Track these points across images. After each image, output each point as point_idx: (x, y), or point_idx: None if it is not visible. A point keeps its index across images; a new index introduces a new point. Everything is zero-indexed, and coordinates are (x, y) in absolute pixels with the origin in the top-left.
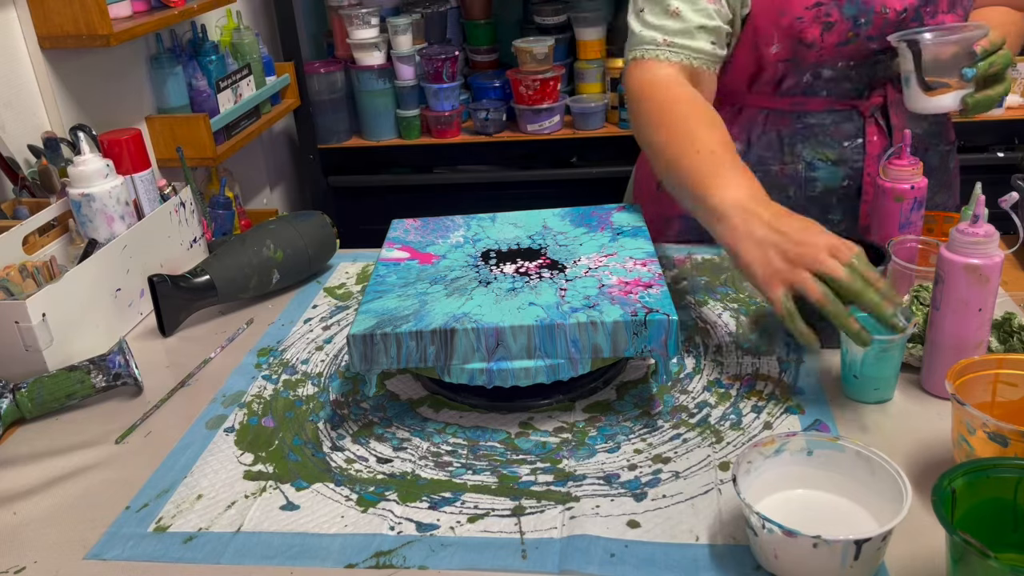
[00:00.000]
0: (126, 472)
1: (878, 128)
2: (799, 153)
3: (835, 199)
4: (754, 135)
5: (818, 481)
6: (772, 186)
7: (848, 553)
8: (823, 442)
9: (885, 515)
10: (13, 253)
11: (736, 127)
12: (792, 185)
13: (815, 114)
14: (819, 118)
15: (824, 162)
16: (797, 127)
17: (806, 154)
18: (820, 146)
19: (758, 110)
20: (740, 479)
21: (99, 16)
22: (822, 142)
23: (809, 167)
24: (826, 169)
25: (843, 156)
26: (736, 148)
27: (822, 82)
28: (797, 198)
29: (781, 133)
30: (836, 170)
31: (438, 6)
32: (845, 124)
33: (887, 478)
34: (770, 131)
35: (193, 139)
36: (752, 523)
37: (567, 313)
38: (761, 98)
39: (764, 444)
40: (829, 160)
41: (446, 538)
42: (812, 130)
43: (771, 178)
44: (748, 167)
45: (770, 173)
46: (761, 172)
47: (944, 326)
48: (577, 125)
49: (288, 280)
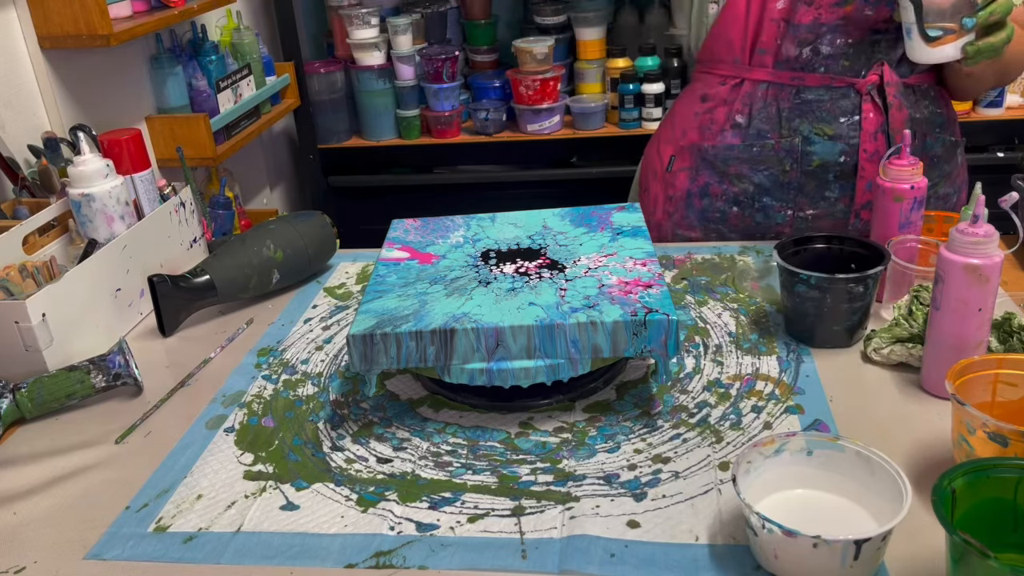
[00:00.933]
0: (126, 472)
1: (874, 106)
2: (796, 127)
3: (832, 175)
4: (755, 108)
5: (818, 481)
6: (770, 159)
7: (848, 553)
8: (823, 442)
9: (885, 515)
10: (13, 253)
11: (739, 101)
12: (789, 159)
13: (813, 90)
14: (817, 94)
15: (821, 137)
16: (795, 102)
17: (803, 129)
18: (817, 121)
19: (758, 84)
20: (740, 479)
21: (99, 16)
22: (819, 117)
23: (806, 141)
24: (822, 144)
25: (839, 132)
26: (738, 122)
27: (820, 59)
28: (794, 172)
29: (780, 107)
30: (832, 145)
31: (438, 6)
32: (842, 101)
33: (887, 478)
34: (770, 105)
35: (193, 139)
36: (752, 523)
37: (567, 313)
38: (762, 72)
39: (764, 444)
40: (826, 135)
41: (446, 538)
42: (810, 105)
43: (768, 151)
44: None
45: (767, 146)
46: (759, 146)
47: (944, 326)
48: (577, 125)
49: (288, 280)
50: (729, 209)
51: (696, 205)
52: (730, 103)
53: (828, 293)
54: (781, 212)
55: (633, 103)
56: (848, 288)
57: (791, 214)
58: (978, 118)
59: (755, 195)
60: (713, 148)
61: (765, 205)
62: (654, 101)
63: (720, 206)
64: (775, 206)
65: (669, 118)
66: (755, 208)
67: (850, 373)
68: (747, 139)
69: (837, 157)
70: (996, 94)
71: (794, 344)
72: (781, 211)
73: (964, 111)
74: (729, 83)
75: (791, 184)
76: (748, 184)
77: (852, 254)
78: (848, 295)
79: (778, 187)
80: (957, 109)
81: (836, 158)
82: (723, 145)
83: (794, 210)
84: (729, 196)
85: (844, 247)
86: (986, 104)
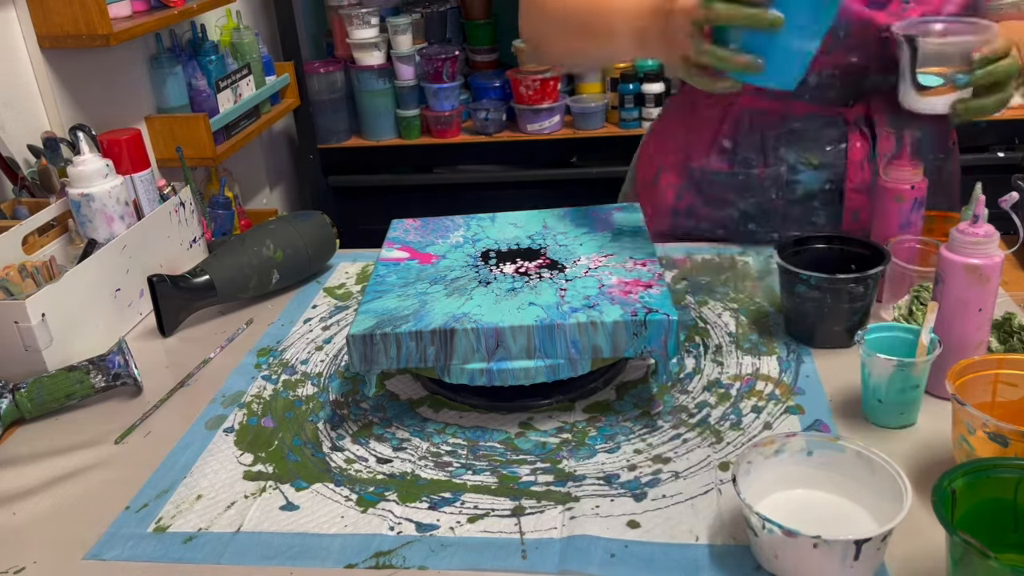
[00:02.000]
0: (126, 472)
1: (861, 135)
2: (782, 156)
3: (818, 203)
4: (740, 135)
5: (818, 481)
6: (755, 187)
7: (848, 553)
8: (823, 442)
9: (885, 515)
10: (13, 253)
11: (725, 125)
12: (774, 187)
13: (799, 118)
14: (803, 122)
15: (806, 166)
16: (782, 131)
17: (789, 157)
18: (803, 150)
19: (744, 110)
20: (740, 479)
21: (99, 16)
22: (805, 147)
23: (791, 170)
24: (808, 174)
25: (825, 161)
26: (724, 145)
27: (807, 88)
28: (779, 200)
29: (765, 135)
30: (817, 174)
31: (438, 6)
32: (829, 130)
33: (887, 478)
34: (755, 132)
35: (193, 139)
36: (752, 523)
37: (567, 313)
38: (749, 98)
39: (764, 444)
40: (811, 165)
41: (446, 538)
42: (796, 134)
43: (753, 179)
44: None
45: (752, 175)
46: (744, 173)
47: (944, 326)
48: (577, 125)
49: (288, 280)
50: (715, 232)
51: (682, 225)
52: (716, 125)
53: (828, 293)
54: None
55: (633, 103)
56: (848, 288)
57: (776, 239)
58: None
59: (740, 221)
60: (700, 170)
61: (750, 231)
62: (654, 101)
63: (705, 227)
64: (760, 232)
65: (659, 126)
66: (740, 233)
67: (850, 373)
68: (734, 165)
69: (823, 185)
70: None
71: (794, 344)
72: (766, 237)
73: None
74: (720, 103)
75: (776, 212)
76: (733, 210)
77: (852, 254)
78: (848, 295)
79: (763, 214)
80: None
81: (821, 186)
82: (710, 169)
83: (780, 235)
84: (715, 220)
85: (844, 247)
86: None
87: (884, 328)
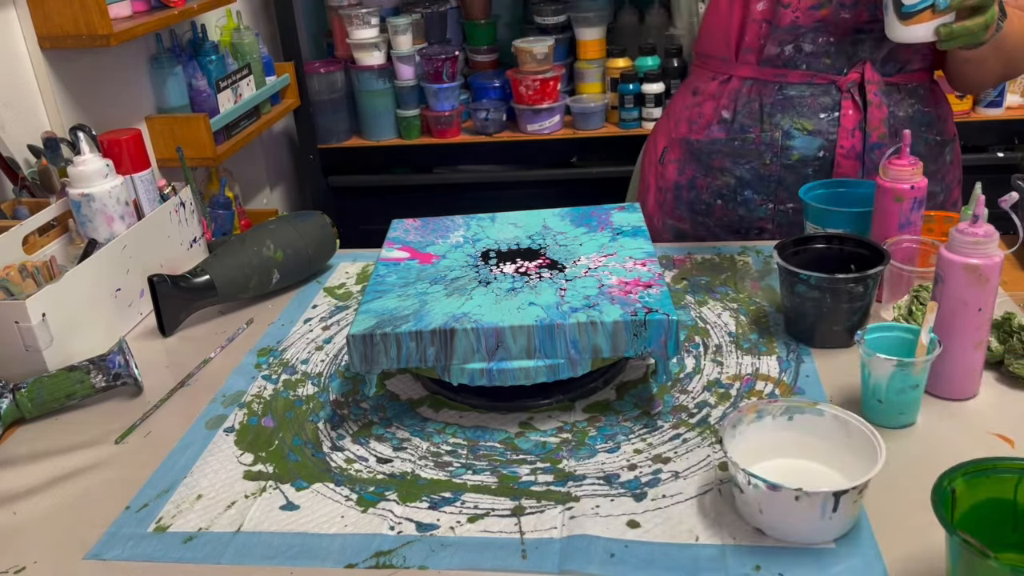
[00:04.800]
0: (126, 472)
1: (854, 103)
2: (777, 122)
3: (810, 170)
4: (739, 104)
5: (799, 448)
6: (751, 152)
7: (828, 505)
8: (803, 407)
9: (862, 474)
10: (13, 253)
11: (725, 97)
12: (769, 152)
13: (795, 86)
14: (798, 90)
15: (800, 132)
16: (777, 98)
17: (784, 123)
18: (798, 116)
19: (743, 80)
20: (726, 441)
21: (99, 16)
22: (800, 112)
23: (786, 135)
24: (802, 139)
25: (819, 127)
26: (724, 116)
27: (802, 56)
28: (774, 165)
29: (763, 103)
30: (811, 140)
31: (438, 6)
32: (823, 97)
33: (863, 439)
34: (753, 100)
35: (193, 139)
36: (738, 480)
37: (567, 313)
38: (747, 68)
39: (747, 411)
40: (805, 130)
41: (446, 538)
42: (791, 101)
43: (750, 145)
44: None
45: (748, 140)
46: (741, 139)
47: (944, 326)
48: (577, 125)
49: (288, 280)
50: (714, 202)
51: (684, 197)
52: (718, 98)
53: (828, 293)
54: (762, 206)
55: (633, 103)
56: (848, 288)
57: (772, 208)
58: (978, 118)
59: (737, 188)
60: (699, 142)
61: (747, 199)
62: (654, 101)
63: (705, 198)
64: (756, 200)
65: (667, 109)
66: (737, 202)
67: (850, 373)
68: (731, 133)
69: (816, 152)
70: (996, 94)
71: (794, 344)
72: (762, 204)
73: (964, 111)
74: (718, 79)
75: (771, 178)
76: (730, 177)
77: (852, 254)
78: (848, 295)
79: (759, 180)
80: (956, 108)
81: (815, 153)
82: (708, 139)
83: (775, 204)
84: (713, 189)
85: (844, 247)
86: (986, 104)
87: (884, 328)
